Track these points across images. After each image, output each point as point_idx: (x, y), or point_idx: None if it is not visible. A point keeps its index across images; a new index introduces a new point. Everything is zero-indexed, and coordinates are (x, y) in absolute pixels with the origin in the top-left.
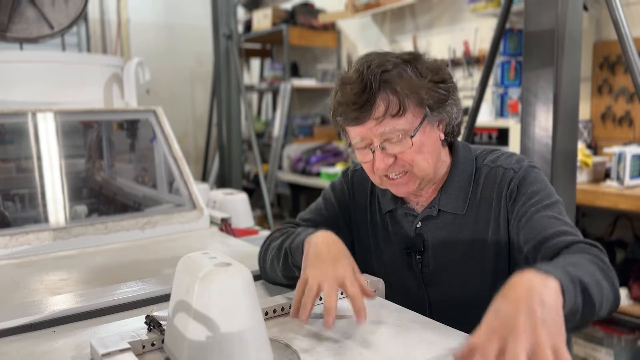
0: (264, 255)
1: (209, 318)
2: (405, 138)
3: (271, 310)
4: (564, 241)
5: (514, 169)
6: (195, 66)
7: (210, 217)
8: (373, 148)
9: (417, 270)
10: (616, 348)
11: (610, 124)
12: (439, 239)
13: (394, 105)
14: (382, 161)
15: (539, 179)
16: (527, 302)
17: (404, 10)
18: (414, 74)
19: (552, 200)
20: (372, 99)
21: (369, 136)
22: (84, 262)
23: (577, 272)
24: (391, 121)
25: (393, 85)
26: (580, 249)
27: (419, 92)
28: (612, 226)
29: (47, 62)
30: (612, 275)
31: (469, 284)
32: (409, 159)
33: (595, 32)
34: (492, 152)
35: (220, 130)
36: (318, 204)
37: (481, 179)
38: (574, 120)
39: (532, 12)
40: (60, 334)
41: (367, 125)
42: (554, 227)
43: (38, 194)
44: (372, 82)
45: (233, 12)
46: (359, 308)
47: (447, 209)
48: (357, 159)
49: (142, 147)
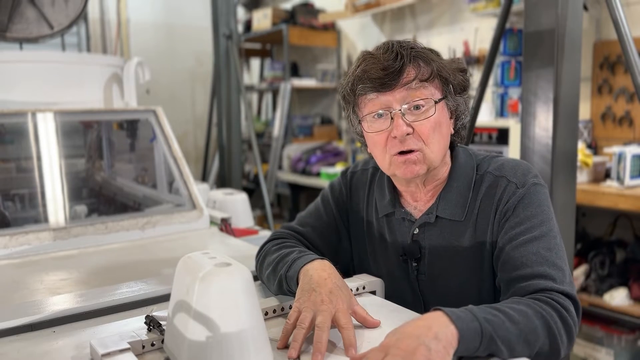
0: (259, 267)
1: (209, 318)
2: (429, 105)
3: (271, 310)
4: (534, 286)
5: (517, 184)
6: (195, 66)
7: (210, 217)
8: (393, 114)
9: (413, 277)
10: (616, 348)
11: (611, 124)
12: (436, 245)
13: (424, 71)
14: (401, 126)
15: (538, 201)
16: (422, 332)
17: (404, 10)
18: (439, 58)
19: (543, 229)
20: (404, 66)
21: (391, 104)
22: (84, 262)
23: (498, 325)
24: (419, 88)
25: (424, 57)
26: (542, 300)
27: (446, 70)
28: (612, 226)
29: (47, 62)
30: (559, 332)
31: (466, 291)
32: (426, 133)
33: (595, 32)
34: (496, 158)
35: (220, 130)
36: (317, 206)
37: (483, 186)
38: (574, 120)
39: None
40: (60, 334)
41: (394, 92)
42: (532, 267)
43: (38, 194)
44: (403, 54)
45: (233, 12)
46: (349, 341)
47: (445, 216)
48: (370, 130)
49: (142, 147)
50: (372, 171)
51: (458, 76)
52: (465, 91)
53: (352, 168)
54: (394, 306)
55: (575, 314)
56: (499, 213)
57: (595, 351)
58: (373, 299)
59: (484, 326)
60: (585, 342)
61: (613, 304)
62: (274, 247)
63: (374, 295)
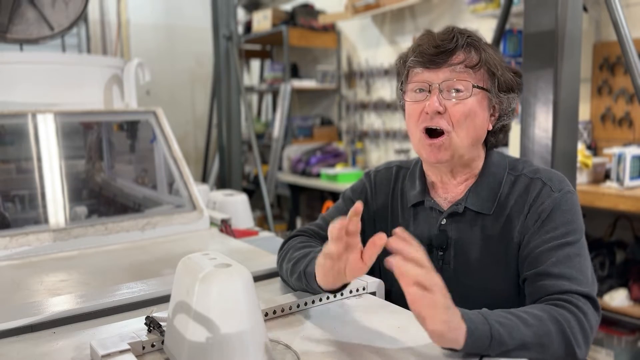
0: (281, 262)
1: (208, 319)
2: (468, 90)
3: (271, 311)
4: (559, 287)
5: (552, 188)
6: (195, 67)
7: (210, 218)
8: (432, 87)
9: (438, 267)
10: (616, 349)
11: (610, 125)
12: (463, 237)
13: (473, 58)
14: (434, 103)
15: (573, 209)
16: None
17: (404, 12)
18: (495, 52)
19: (577, 236)
20: (456, 49)
21: (433, 81)
22: (84, 263)
23: (510, 327)
24: (464, 72)
25: (477, 46)
26: (560, 305)
27: (496, 65)
28: (612, 227)
29: (47, 63)
30: (575, 337)
31: (488, 284)
32: (457, 116)
33: (595, 33)
34: (527, 163)
35: (220, 131)
36: (339, 205)
37: (518, 186)
38: (573, 121)
39: (532, 13)
40: (60, 335)
41: (439, 71)
42: (559, 267)
43: (38, 195)
44: (459, 37)
45: (233, 13)
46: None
47: (474, 208)
48: (408, 99)
49: (142, 148)
50: (397, 169)
51: (507, 74)
52: (512, 91)
53: (375, 168)
54: (394, 307)
55: (593, 317)
56: (532, 212)
57: (596, 352)
58: (373, 299)
59: (493, 327)
60: None
61: (613, 305)
62: (299, 243)
63: (374, 296)
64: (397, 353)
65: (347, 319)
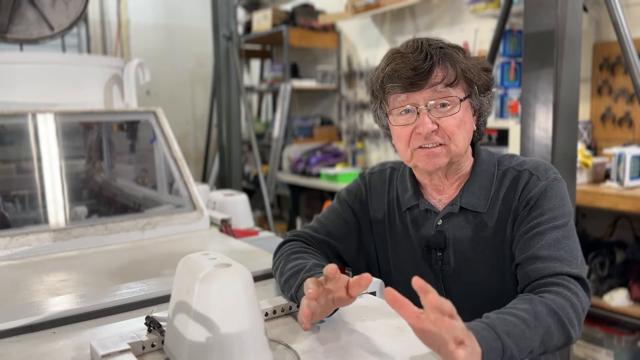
0: (274, 270)
1: (209, 319)
2: (454, 103)
3: (271, 311)
4: (550, 269)
5: (539, 177)
6: (195, 67)
7: (211, 218)
8: (419, 109)
9: (437, 268)
10: (616, 349)
11: (610, 125)
12: (460, 236)
13: (451, 75)
14: (427, 124)
15: (560, 195)
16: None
17: (404, 12)
18: (465, 57)
19: (564, 220)
20: (432, 67)
21: (418, 101)
22: (84, 263)
23: (519, 336)
24: (445, 89)
25: (451, 59)
26: (553, 291)
27: (472, 71)
28: (612, 227)
29: (47, 63)
30: (571, 323)
31: (489, 280)
32: (451, 129)
33: (595, 33)
34: (516, 156)
35: (220, 131)
36: (334, 207)
37: (506, 180)
38: (573, 121)
39: (532, 13)
40: (60, 335)
41: (422, 92)
42: (549, 250)
43: (38, 195)
44: (432, 54)
45: (233, 13)
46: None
47: (468, 207)
48: (396, 123)
49: (142, 148)
50: (390, 171)
51: (482, 76)
52: (489, 90)
53: (370, 170)
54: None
55: (584, 299)
56: (521, 202)
57: (595, 352)
58: (373, 299)
59: (505, 343)
60: (585, 343)
61: (613, 305)
62: (289, 253)
63: (374, 296)
64: (397, 353)
65: (347, 319)
